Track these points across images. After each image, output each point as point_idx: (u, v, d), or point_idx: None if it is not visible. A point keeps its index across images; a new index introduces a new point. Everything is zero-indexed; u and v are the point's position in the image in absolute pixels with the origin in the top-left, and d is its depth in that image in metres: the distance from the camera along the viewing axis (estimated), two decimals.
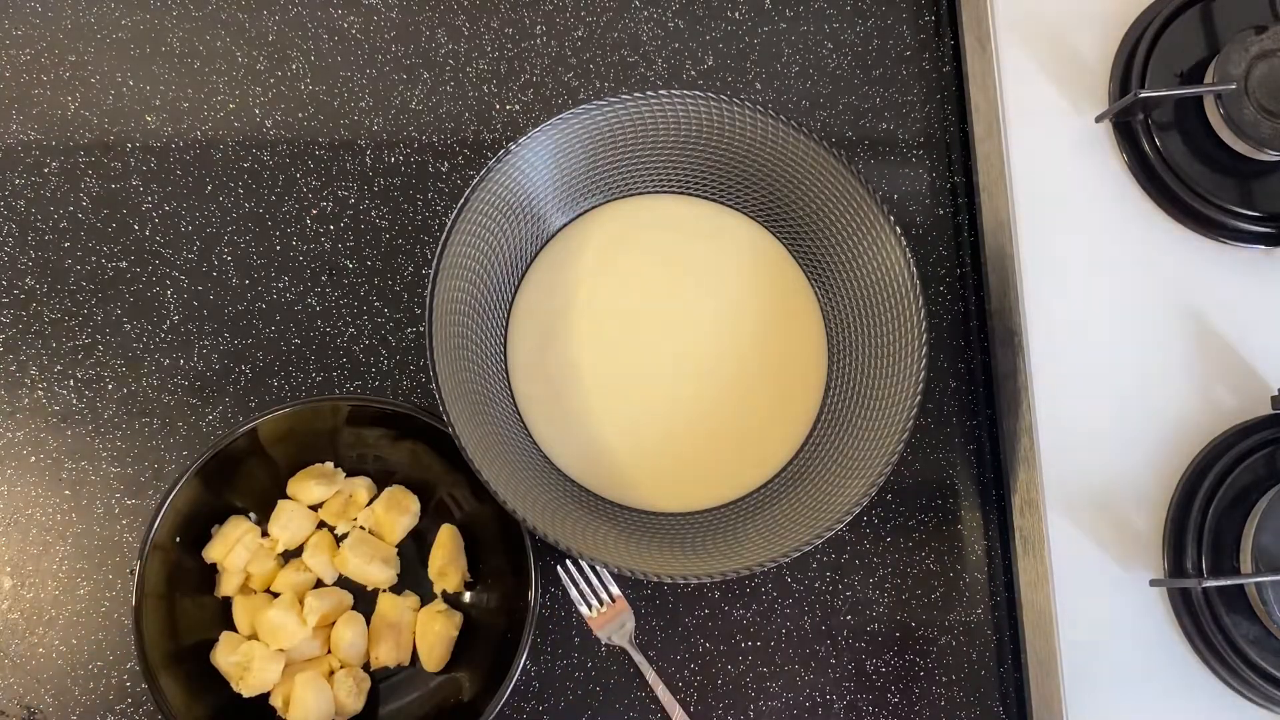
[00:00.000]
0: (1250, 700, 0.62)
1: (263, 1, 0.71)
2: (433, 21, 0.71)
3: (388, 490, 0.63)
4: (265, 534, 0.62)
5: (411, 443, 0.62)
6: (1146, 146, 0.67)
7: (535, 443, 0.63)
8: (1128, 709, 0.62)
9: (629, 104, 0.61)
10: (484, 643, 0.61)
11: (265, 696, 0.60)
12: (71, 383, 0.66)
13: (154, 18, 0.70)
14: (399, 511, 0.62)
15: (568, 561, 0.64)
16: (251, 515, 0.62)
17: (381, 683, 0.62)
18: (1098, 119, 0.68)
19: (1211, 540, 0.62)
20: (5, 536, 0.64)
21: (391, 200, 0.69)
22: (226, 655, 0.59)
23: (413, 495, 0.63)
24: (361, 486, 0.63)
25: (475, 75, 0.71)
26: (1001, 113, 0.68)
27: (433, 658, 0.61)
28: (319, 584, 0.62)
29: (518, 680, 0.61)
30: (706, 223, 0.67)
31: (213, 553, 0.61)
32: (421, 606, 0.63)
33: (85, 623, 0.63)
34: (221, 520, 0.62)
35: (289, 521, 0.61)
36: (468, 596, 0.63)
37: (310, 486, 0.62)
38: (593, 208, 0.66)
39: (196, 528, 0.61)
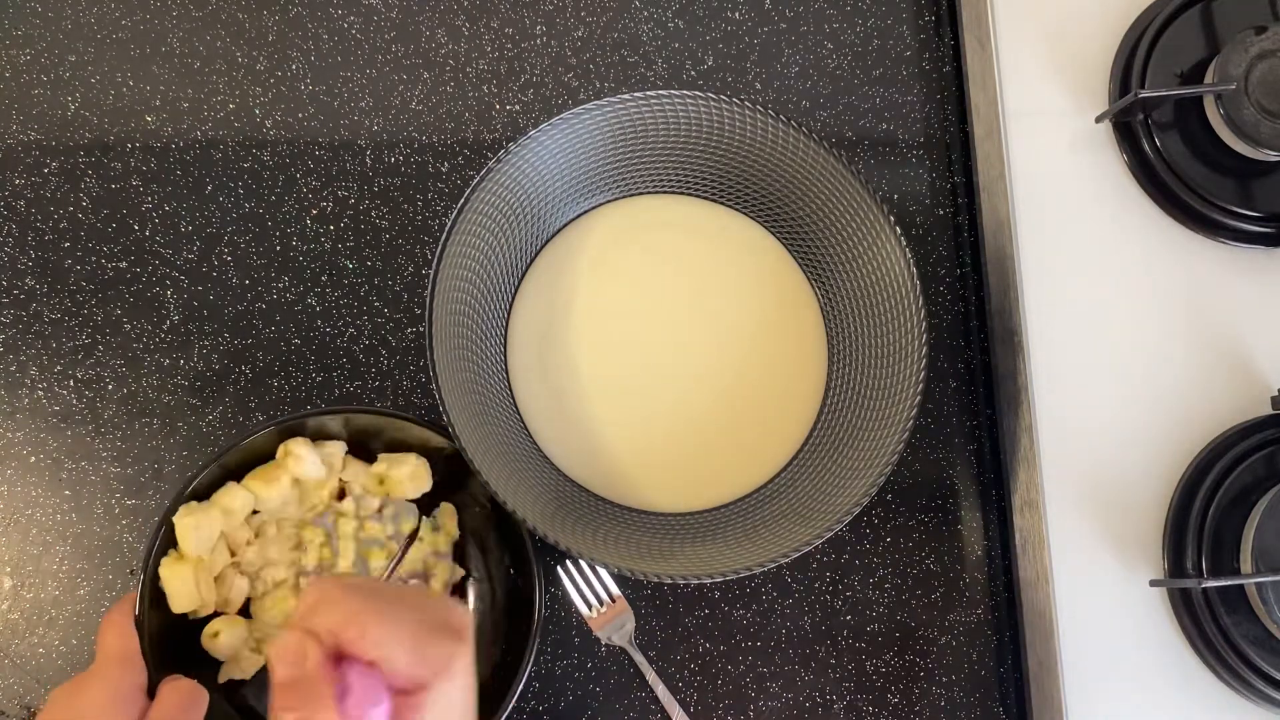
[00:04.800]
0: (1250, 700, 0.62)
1: (263, 1, 0.71)
2: (433, 21, 0.71)
3: (383, 456, 0.61)
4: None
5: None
6: (1146, 146, 0.67)
7: (535, 443, 0.63)
8: (1128, 709, 0.62)
9: (629, 104, 0.61)
10: (488, 647, 0.61)
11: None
12: (71, 383, 0.66)
13: (154, 18, 0.70)
14: (399, 464, 0.60)
15: (568, 561, 0.64)
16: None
17: None
18: (1098, 119, 0.68)
19: (1211, 540, 0.62)
20: (5, 536, 0.64)
21: (391, 200, 0.69)
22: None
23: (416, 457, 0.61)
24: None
25: (475, 75, 0.71)
26: (1001, 113, 0.68)
27: None
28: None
29: None
30: (706, 223, 0.67)
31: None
32: None
33: (85, 623, 0.63)
34: None
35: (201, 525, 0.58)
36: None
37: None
38: (593, 208, 0.66)
39: None
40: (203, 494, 0.58)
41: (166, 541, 0.57)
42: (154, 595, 0.56)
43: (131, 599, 0.55)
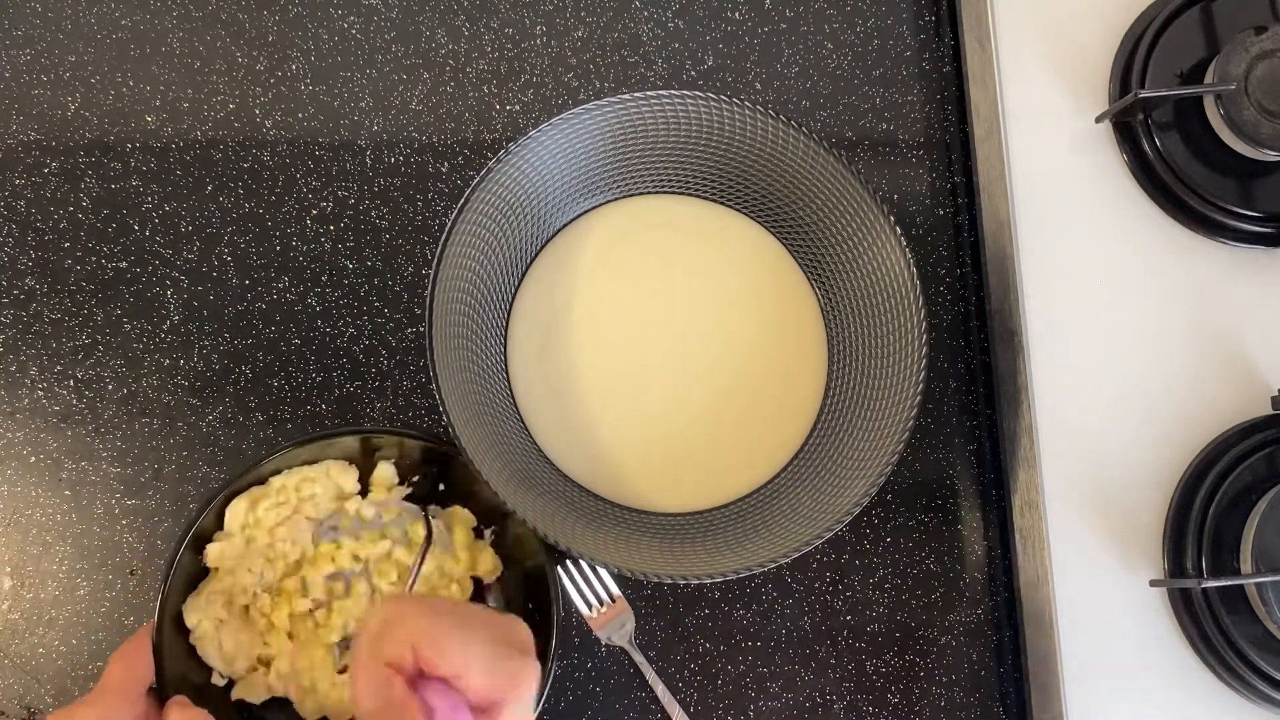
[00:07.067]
0: (1250, 700, 0.62)
1: (263, 1, 0.71)
2: (433, 21, 0.71)
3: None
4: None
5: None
6: (1146, 146, 0.67)
7: (535, 443, 0.63)
8: (1128, 709, 0.62)
9: (629, 104, 0.61)
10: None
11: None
12: (71, 383, 0.66)
13: (154, 18, 0.70)
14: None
15: (568, 561, 0.64)
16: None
17: None
18: (1098, 119, 0.68)
19: (1211, 540, 0.62)
20: (5, 536, 0.64)
21: (391, 200, 0.69)
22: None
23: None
24: None
25: (475, 75, 0.71)
26: (1001, 113, 0.68)
27: None
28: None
29: None
30: (706, 223, 0.67)
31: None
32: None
33: (85, 623, 0.63)
34: None
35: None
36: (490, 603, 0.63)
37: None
38: (593, 208, 0.66)
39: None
40: (208, 532, 0.58)
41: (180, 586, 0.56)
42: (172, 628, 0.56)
43: (149, 628, 0.54)
